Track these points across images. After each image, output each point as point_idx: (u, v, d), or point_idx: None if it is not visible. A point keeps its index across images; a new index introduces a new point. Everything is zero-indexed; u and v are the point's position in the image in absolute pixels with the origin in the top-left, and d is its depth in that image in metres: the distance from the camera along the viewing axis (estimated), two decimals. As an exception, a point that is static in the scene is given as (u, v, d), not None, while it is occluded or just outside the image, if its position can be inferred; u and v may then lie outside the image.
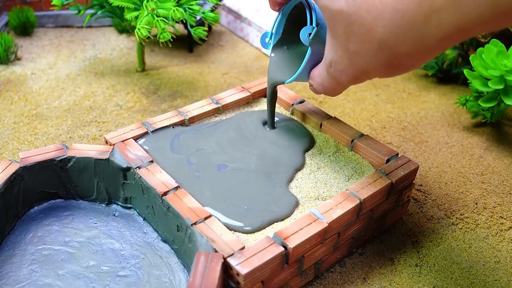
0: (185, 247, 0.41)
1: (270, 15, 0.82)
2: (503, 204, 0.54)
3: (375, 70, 0.34)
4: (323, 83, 0.39)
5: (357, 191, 0.42)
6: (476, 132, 0.66)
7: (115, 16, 0.73)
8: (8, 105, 0.67)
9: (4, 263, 0.41)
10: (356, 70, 0.35)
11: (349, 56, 0.34)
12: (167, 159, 0.47)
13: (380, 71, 0.34)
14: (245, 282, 0.36)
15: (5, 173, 0.43)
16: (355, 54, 0.34)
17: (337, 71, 0.36)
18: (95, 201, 0.48)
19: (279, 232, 0.38)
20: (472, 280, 0.45)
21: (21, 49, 0.81)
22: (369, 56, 0.33)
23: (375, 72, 0.35)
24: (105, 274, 0.41)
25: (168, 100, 0.69)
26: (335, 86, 0.38)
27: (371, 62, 0.33)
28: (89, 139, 0.61)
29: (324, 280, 0.44)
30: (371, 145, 0.48)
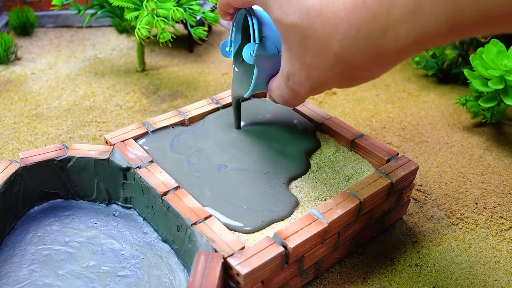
0: (185, 247, 0.41)
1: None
2: (503, 204, 0.54)
3: (333, 82, 0.34)
4: (282, 95, 0.39)
5: (357, 191, 0.42)
6: (476, 132, 0.66)
7: (115, 16, 0.73)
8: (8, 105, 0.67)
9: (4, 263, 0.41)
10: (313, 82, 0.35)
11: (306, 69, 0.34)
12: (167, 159, 0.47)
13: (339, 83, 0.34)
14: (245, 282, 0.36)
15: (5, 173, 0.43)
16: (311, 68, 0.33)
17: (295, 83, 0.36)
18: (95, 201, 0.48)
19: (279, 232, 0.38)
20: (472, 280, 0.45)
21: (21, 49, 0.81)
22: (326, 70, 0.32)
23: (333, 84, 0.34)
24: (105, 274, 0.41)
25: (168, 100, 0.69)
26: (295, 97, 0.38)
27: (328, 75, 0.33)
28: (89, 139, 0.61)
29: (324, 280, 0.44)
30: (371, 145, 0.48)
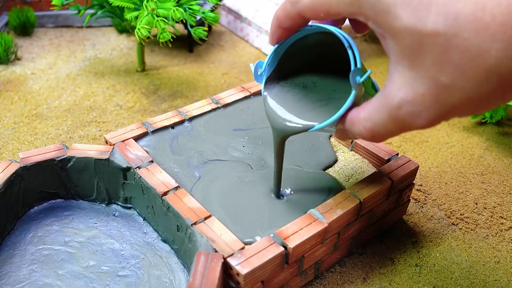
0: (185, 247, 0.41)
1: (270, 15, 0.82)
2: (503, 204, 0.54)
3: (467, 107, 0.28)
4: (375, 128, 0.31)
5: (357, 191, 0.42)
6: (476, 132, 0.66)
7: (115, 16, 0.73)
8: (8, 105, 0.67)
9: (4, 263, 0.41)
10: (442, 110, 0.28)
11: (437, 92, 0.27)
12: (167, 159, 0.47)
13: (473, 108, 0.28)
14: (245, 282, 0.36)
15: (5, 173, 0.43)
16: (447, 89, 0.27)
17: (410, 114, 0.29)
18: (95, 201, 0.48)
19: (279, 232, 0.38)
20: (472, 280, 0.45)
21: (21, 49, 0.81)
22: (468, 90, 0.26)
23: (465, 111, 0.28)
24: (105, 274, 0.41)
25: (168, 100, 0.69)
26: (395, 132, 0.31)
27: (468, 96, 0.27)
28: (89, 139, 0.61)
29: (324, 280, 0.44)
30: (371, 145, 0.48)
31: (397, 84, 0.29)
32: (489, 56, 0.25)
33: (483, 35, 0.25)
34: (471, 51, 0.25)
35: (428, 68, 0.27)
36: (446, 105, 0.28)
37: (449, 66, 0.26)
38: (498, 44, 0.25)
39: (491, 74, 0.25)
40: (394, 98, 0.29)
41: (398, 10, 0.27)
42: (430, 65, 0.27)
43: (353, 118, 0.33)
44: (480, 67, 0.26)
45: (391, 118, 0.30)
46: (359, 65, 0.33)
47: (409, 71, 0.28)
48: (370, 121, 0.31)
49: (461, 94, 0.27)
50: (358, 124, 0.33)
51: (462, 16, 0.25)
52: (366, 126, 0.32)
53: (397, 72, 0.29)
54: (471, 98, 0.27)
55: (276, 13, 0.35)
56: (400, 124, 0.30)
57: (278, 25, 0.35)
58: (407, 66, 0.28)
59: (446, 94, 0.27)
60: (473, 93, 0.26)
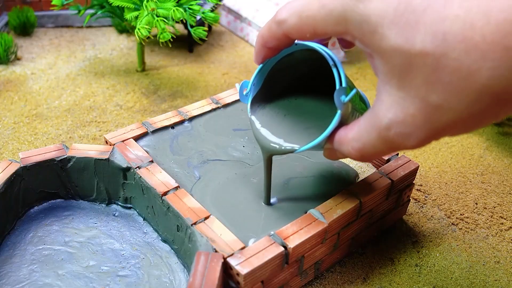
0: (185, 247, 0.41)
1: (270, 15, 0.83)
2: (503, 204, 0.54)
3: (458, 127, 0.27)
4: (364, 148, 0.31)
5: (357, 191, 0.42)
6: (476, 132, 0.66)
7: (115, 16, 0.73)
8: (8, 105, 0.67)
9: (4, 263, 0.41)
10: (432, 130, 0.27)
11: (427, 113, 0.27)
12: (167, 159, 0.47)
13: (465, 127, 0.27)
14: (245, 282, 0.36)
15: (5, 173, 0.43)
16: (438, 109, 0.26)
17: (400, 134, 0.28)
18: (95, 201, 0.48)
19: (279, 232, 0.38)
20: (472, 280, 0.45)
21: (21, 49, 0.81)
22: (459, 110, 0.26)
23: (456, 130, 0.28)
24: (105, 274, 0.41)
25: (168, 100, 0.69)
26: (384, 152, 0.30)
27: (460, 116, 0.26)
28: (89, 139, 0.61)
29: (324, 280, 0.44)
30: (371, 145, 0.48)
31: (386, 104, 0.28)
32: (480, 75, 0.24)
33: (473, 55, 0.24)
34: (462, 70, 0.25)
35: (418, 88, 0.26)
36: (437, 125, 0.27)
37: (439, 86, 0.26)
38: (489, 63, 0.24)
39: (483, 93, 0.25)
40: (383, 119, 0.28)
41: (385, 30, 0.26)
42: (420, 85, 0.26)
43: (341, 139, 0.33)
44: (472, 87, 0.25)
45: (381, 139, 0.29)
46: (344, 84, 0.33)
47: (398, 91, 0.27)
48: (359, 142, 0.31)
49: (452, 113, 0.26)
50: (346, 144, 0.32)
51: (451, 36, 0.25)
52: (355, 146, 0.31)
53: (385, 92, 0.28)
54: (463, 117, 0.26)
55: (261, 32, 0.34)
56: (390, 145, 0.29)
57: (263, 45, 0.34)
58: (396, 86, 0.27)
59: (437, 114, 0.26)
60: (466, 112, 0.26)
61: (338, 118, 0.33)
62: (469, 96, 0.25)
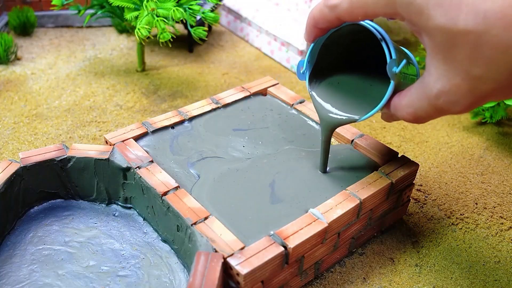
0: (185, 247, 0.41)
1: (270, 15, 0.82)
2: (503, 204, 0.54)
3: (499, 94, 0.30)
4: (417, 114, 0.34)
5: (357, 191, 0.42)
6: (476, 132, 0.66)
7: (115, 16, 0.73)
8: (8, 105, 0.67)
9: (4, 263, 0.41)
10: (476, 97, 0.30)
11: (471, 83, 0.30)
12: (167, 159, 0.47)
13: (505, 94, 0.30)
14: (245, 282, 0.36)
15: (5, 173, 0.43)
16: (480, 79, 0.29)
17: (448, 102, 0.31)
18: (95, 201, 0.48)
19: (279, 232, 0.38)
20: (472, 280, 0.45)
21: (21, 49, 0.81)
22: (499, 80, 0.29)
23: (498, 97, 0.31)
24: (105, 274, 0.41)
25: (168, 100, 0.69)
26: (434, 116, 0.34)
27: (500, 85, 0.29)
28: (89, 139, 0.61)
29: (324, 280, 0.44)
30: (371, 145, 0.48)
31: (434, 76, 0.31)
32: None
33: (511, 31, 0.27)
34: (501, 45, 0.27)
35: (461, 62, 0.29)
36: (480, 93, 0.30)
37: (480, 60, 0.28)
38: None
39: None
40: (433, 89, 0.32)
41: (430, 11, 0.29)
42: (463, 59, 0.29)
43: (396, 105, 0.36)
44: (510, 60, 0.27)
45: (431, 106, 0.33)
46: (394, 56, 0.35)
47: (444, 64, 0.30)
48: (412, 108, 0.34)
49: (493, 83, 0.29)
50: (401, 110, 0.35)
51: (491, 14, 0.27)
52: (409, 111, 0.35)
53: (433, 65, 0.31)
54: (502, 86, 0.29)
55: (312, 13, 0.36)
56: (439, 111, 0.33)
57: (314, 25, 0.37)
58: (442, 60, 0.30)
59: (479, 84, 0.29)
60: (505, 82, 0.29)
61: (392, 88, 0.36)
62: (508, 68, 0.28)
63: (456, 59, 0.30)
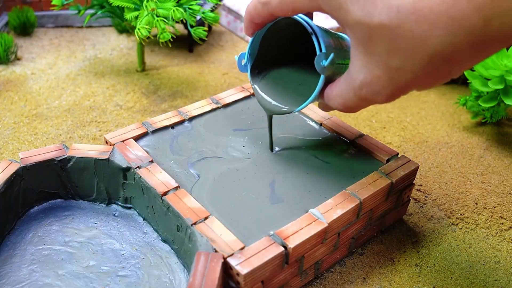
0: (185, 247, 0.41)
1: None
2: (503, 204, 0.54)
3: (419, 84, 0.32)
4: (346, 104, 0.36)
5: (357, 191, 0.42)
6: (476, 132, 0.66)
7: (115, 16, 0.73)
8: (8, 105, 0.67)
9: (4, 263, 0.41)
10: (397, 88, 0.32)
11: (390, 74, 0.31)
12: (167, 159, 0.47)
13: (425, 84, 0.32)
14: (245, 282, 0.36)
15: (5, 173, 0.43)
16: (398, 71, 0.31)
17: (370, 92, 0.33)
18: (95, 201, 0.48)
19: (279, 232, 0.38)
20: (472, 280, 0.45)
21: (21, 49, 0.81)
22: (415, 71, 0.30)
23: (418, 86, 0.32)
24: (105, 274, 0.41)
25: (168, 100, 0.69)
26: (362, 106, 0.36)
27: (417, 76, 0.31)
28: (89, 139, 0.61)
29: (324, 280, 0.44)
30: (371, 145, 0.48)
31: (357, 68, 0.33)
32: (431, 42, 0.28)
33: (423, 25, 0.28)
34: (415, 39, 0.29)
35: (380, 55, 0.31)
36: (400, 83, 0.31)
37: (397, 53, 0.30)
38: (437, 32, 0.28)
39: (434, 56, 0.29)
40: (356, 80, 0.33)
41: (349, 6, 0.31)
42: (381, 52, 0.30)
43: (328, 95, 0.38)
44: (424, 52, 0.29)
45: (356, 96, 0.34)
46: (323, 50, 0.37)
47: (365, 56, 0.32)
48: (341, 98, 0.36)
49: (411, 74, 0.30)
50: (332, 100, 0.37)
51: (404, 9, 0.28)
52: (339, 101, 0.36)
53: (355, 57, 0.33)
54: (420, 76, 0.31)
55: (248, 9, 0.38)
56: (364, 100, 0.34)
57: (250, 20, 0.39)
58: (362, 53, 0.32)
59: (398, 74, 0.31)
60: (422, 73, 0.30)
61: (322, 82, 0.38)
62: (423, 59, 0.29)
63: (375, 52, 0.31)
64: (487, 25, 0.27)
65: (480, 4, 0.26)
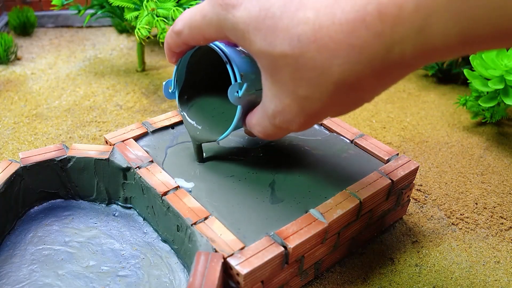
0: (185, 247, 0.41)
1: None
2: (503, 204, 0.54)
3: (330, 111, 0.31)
4: (265, 132, 0.36)
5: (357, 191, 0.42)
6: (476, 132, 0.66)
7: (115, 16, 0.73)
8: (8, 105, 0.67)
9: (4, 263, 0.41)
10: (308, 116, 0.31)
11: (299, 103, 0.31)
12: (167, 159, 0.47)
13: (337, 111, 0.31)
14: (245, 282, 0.36)
15: (5, 173, 0.43)
16: (306, 100, 0.30)
17: (283, 121, 0.33)
18: (95, 201, 0.48)
19: (279, 232, 0.38)
20: (472, 280, 0.45)
21: (21, 49, 0.81)
22: (323, 99, 0.29)
23: (330, 113, 0.32)
24: (105, 274, 0.41)
25: (168, 100, 0.69)
26: (280, 133, 0.35)
27: (326, 104, 0.30)
28: (89, 139, 0.61)
29: (324, 280, 0.44)
30: (371, 145, 0.48)
31: (268, 97, 0.32)
32: (333, 70, 0.27)
33: (324, 53, 0.27)
34: (317, 67, 0.28)
35: (287, 84, 0.30)
36: (311, 111, 0.31)
37: (303, 81, 0.29)
38: (338, 60, 0.27)
39: (339, 85, 0.28)
40: (268, 110, 0.33)
41: (251, 36, 0.30)
42: (287, 81, 0.30)
43: (248, 123, 0.38)
44: (328, 80, 0.28)
45: (271, 125, 0.34)
46: (238, 80, 0.36)
47: (273, 86, 0.31)
48: (259, 126, 0.36)
49: (319, 103, 0.30)
50: (252, 128, 0.37)
51: (304, 38, 0.27)
52: (259, 130, 0.36)
53: (266, 87, 0.32)
54: (330, 105, 0.30)
55: (166, 38, 0.38)
56: (280, 129, 0.34)
57: (170, 49, 0.39)
58: (271, 82, 0.31)
59: (307, 103, 0.30)
60: (330, 100, 0.29)
61: (239, 112, 0.38)
62: (328, 88, 0.28)
63: (282, 81, 0.30)
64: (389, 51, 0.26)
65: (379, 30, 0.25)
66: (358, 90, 0.29)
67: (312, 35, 0.27)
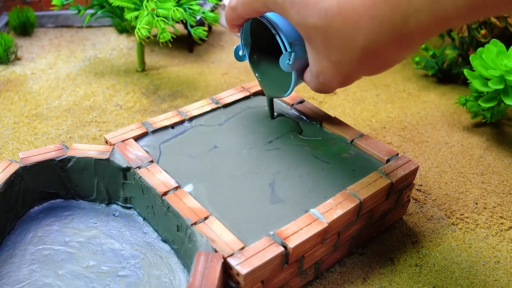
0: (185, 247, 0.41)
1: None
2: (503, 204, 0.54)
3: (362, 73, 0.36)
4: (316, 87, 0.41)
5: (357, 191, 0.42)
6: (476, 132, 0.66)
7: (115, 16, 0.73)
8: (8, 105, 0.67)
9: (4, 263, 0.41)
10: (344, 76, 0.36)
11: (333, 66, 0.35)
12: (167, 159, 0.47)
13: (368, 72, 0.36)
14: (245, 282, 0.36)
15: (5, 173, 0.43)
16: (339, 63, 0.35)
17: (326, 79, 0.38)
18: (95, 201, 0.48)
19: (279, 232, 0.38)
20: (472, 280, 0.45)
21: (21, 49, 0.81)
22: (353, 63, 0.34)
23: (362, 74, 0.37)
24: (105, 274, 0.41)
25: (168, 100, 0.69)
26: (329, 89, 0.40)
27: (356, 67, 0.35)
28: (89, 139, 0.61)
29: (324, 280, 0.44)
30: (371, 145, 0.48)
31: (311, 60, 0.38)
32: (358, 39, 0.32)
33: (349, 25, 0.31)
34: (344, 37, 0.32)
35: (321, 51, 0.35)
36: (345, 73, 0.36)
37: (333, 49, 0.34)
38: (361, 31, 0.31)
39: (364, 51, 0.32)
40: (313, 70, 0.39)
41: (288, 10, 0.35)
42: (321, 49, 0.35)
43: (306, 80, 0.43)
44: (355, 47, 0.33)
45: (318, 82, 0.39)
46: (288, 48, 0.41)
47: (312, 52, 0.37)
48: (311, 83, 0.41)
49: (350, 66, 0.35)
50: (308, 84, 0.42)
51: (330, 11, 0.32)
52: (312, 86, 0.41)
53: (309, 51, 0.38)
54: (359, 67, 0.35)
55: (225, 15, 0.43)
56: (325, 85, 0.39)
57: (229, 22, 0.44)
58: (310, 49, 0.37)
59: (340, 66, 0.35)
60: (358, 65, 0.34)
61: (294, 77, 0.43)
62: (355, 53, 0.33)
63: (317, 49, 0.35)
64: (406, 22, 0.29)
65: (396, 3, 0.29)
66: (382, 56, 0.33)
67: (337, 9, 0.31)
